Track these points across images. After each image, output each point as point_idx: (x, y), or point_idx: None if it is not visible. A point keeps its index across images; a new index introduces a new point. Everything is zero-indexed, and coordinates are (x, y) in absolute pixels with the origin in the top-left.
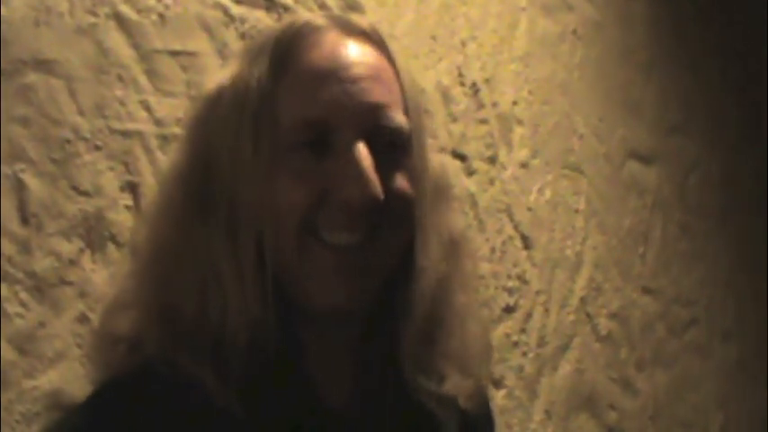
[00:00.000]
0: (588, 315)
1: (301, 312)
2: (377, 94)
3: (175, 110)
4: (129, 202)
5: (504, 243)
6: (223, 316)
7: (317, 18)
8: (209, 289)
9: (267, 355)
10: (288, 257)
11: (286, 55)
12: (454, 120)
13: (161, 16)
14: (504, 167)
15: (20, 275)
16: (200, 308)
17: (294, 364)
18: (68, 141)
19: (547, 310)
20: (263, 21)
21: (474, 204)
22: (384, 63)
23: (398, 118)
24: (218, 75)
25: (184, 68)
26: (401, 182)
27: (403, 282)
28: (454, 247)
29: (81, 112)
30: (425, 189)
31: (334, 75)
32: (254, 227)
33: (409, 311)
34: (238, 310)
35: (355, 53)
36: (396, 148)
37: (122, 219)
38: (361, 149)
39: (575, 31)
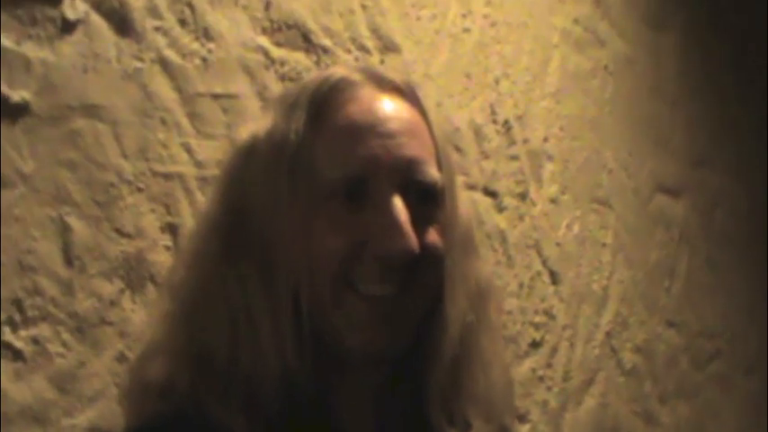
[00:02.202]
0: (613, 349)
1: (331, 357)
2: (412, 148)
3: (216, 152)
4: (169, 243)
5: (532, 278)
6: (256, 363)
7: (352, 73)
8: (243, 336)
9: (298, 400)
10: (322, 305)
11: (323, 109)
12: (486, 157)
13: (204, 60)
14: (533, 203)
15: (62, 316)
16: (233, 354)
17: (323, 409)
18: (112, 184)
19: (572, 345)
20: (302, 63)
21: (503, 241)
22: (417, 117)
23: (432, 172)
24: (252, 124)
25: (225, 111)
26: (433, 235)
27: (430, 329)
28: (480, 295)
29: (125, 156)
30: (455, 240)
31: (371, 130)
32: (290, 275)
33: (437, 358)
34: (273, 358)
35: (390, 109)
36: (428, 201)
37: (162, 260)
38: (398, 203)
39: (606, 67)
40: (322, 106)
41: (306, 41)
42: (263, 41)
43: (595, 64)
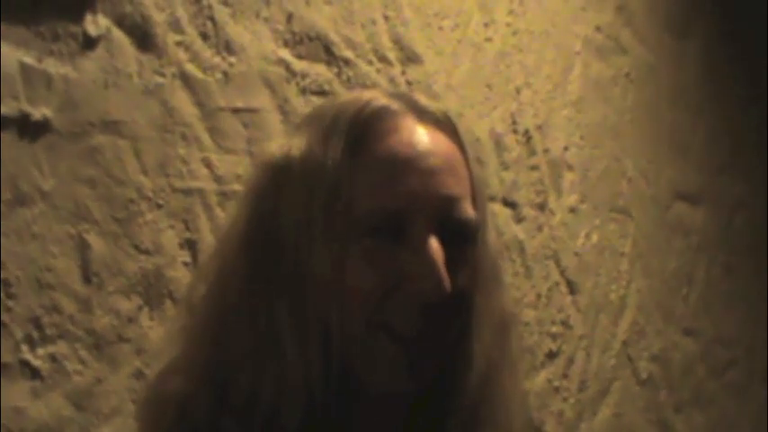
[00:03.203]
0: (629, 358)
1: (354, 389)
2: (451, 185)
3: (235, 167)
4: (188, 260)
5: (549, 289)
6: (281, 393)
7: (392, 101)
8: (268, 364)
9: (318, 428)
10: (351, 339)
11: (362, 138)
12: (506, 167)
13: (225, 74)
14: (552, 213)
15: (80, 333)
16: (256, 382)
17: None
18: (132, 201)
19: (589, 355)
20: (323, 75)
21: (522, 251)
22: (456, 152)
23: (469, 211)
24: (282, 140)
25: (246, 125)
26: (464, 276)
27: (455, 364)
28: (504, 328)
29: (145, 172)
30: (484, 276)
31: (412, 165)
32: (322, 308)
33: (460, 394)
34: (299, 389)
35: (430, 143)
36: (463, 239)
37: (180, 276)
38: (434, 244)
39: (627, 75)
40: (361, 135)
41: (327, 53)
42: (285, 54)
43: (617, 72)
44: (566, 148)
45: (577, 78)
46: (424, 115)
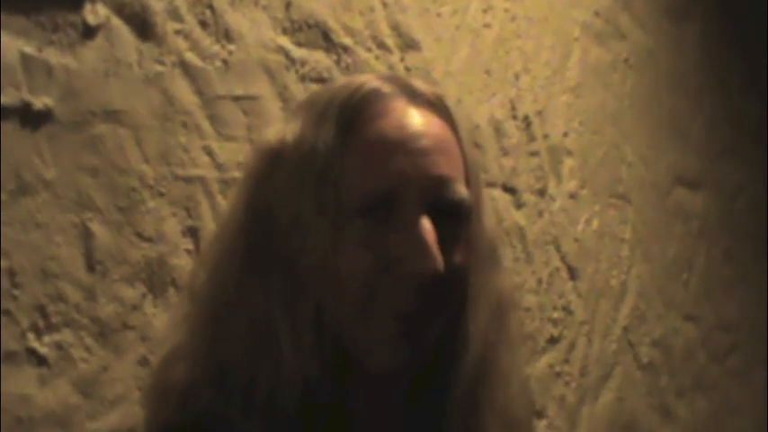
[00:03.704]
0: (630, 344)
1: (352, 370)
2: (442, 166)
3: (236, 154)
4: (191, 247)
5: (550, 275)
6: (277, 377)
7: (384, 83)
8: (264, 348)
9: (317, 413)
10: (347, 321)
11: (353, 121)
12: (506, 153)
13: (225, 62)
14: (552, 199)
15: (85, 321)
16: (254, 366)
17: (342, 423)
18: (134, 189)
19: (590, 340)
20: (322, 62)
21: (522, 237)
22: (448, 133)
23: (461, 191)
24: (277, 127)
25: (246, 113)
26: (458, 254)
27: (452, 344)
28: (502, 309)
29: (146, 160)
30: (480, 255)
31: (402, 146)
32: (315, 288)
33: (457, 374)
34: (294, 372)
35: (422, 124)
36: (456, 218)
37: (183, 263)
38: (426, 224)
39: (626, 60)
40: (352, 118)
41: (326, 41)
42: (284, 42)
43: (616, 57)
44: (565, 134)
45: (576, 64)
46: (416, 97)
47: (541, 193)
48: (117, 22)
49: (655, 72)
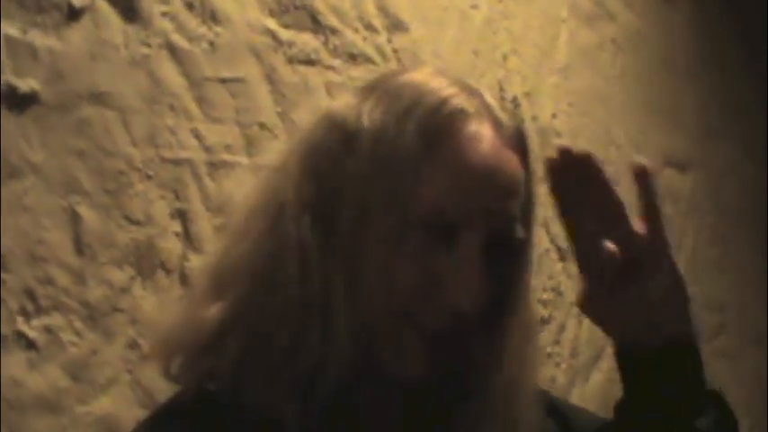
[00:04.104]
0: None
1: (370, 369)
2: (513, 208)
3: (224, 136)
4: (179, 230)
5: (540, 256)
6: (324, 351)
7: (468, 101)
8: (313, 326)
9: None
10: (377, 324)
11: (439, 135)
12: None
13: (211, 44)
14: (542, 181)
15: (74, 305)
16: (297, 341)
17: (350, 407)
18: (122, 172)
19: (580, 321)
20: (309, 44)
21: None
22: (522, 174)
23: (520, 232)
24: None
25: (233, 95)
26: (501, 284)
27: (483, 359)
28: (531, 329)
29: (134, 143)
30: (522, 286)
31: (485, 180)
32: (367, 286)
33: (487, 389)
34: (340, 350)
35: (505, 161)
36: (508, 255)
37: (171, 246)
38: (479, 261)
39: (614, 41)
40: (439, 132)
41: (314, 22)
42: (271, 23)
43: (604, 38)
44: (554, 116)
45: (564, 45)
46: (500, 127)
47: None
48: (102, 3)
49: (643, 53)
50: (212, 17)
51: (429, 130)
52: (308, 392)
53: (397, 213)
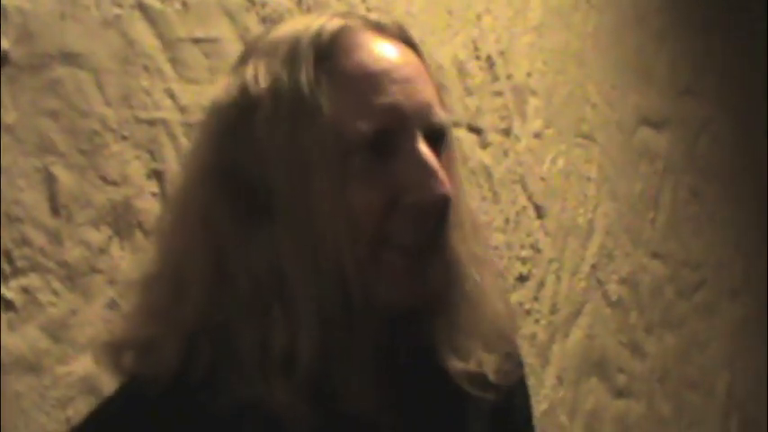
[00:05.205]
0: (599, 281)
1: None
2: (426, 93)
3: (199, 97)
4: (156, 190)
5: (517, 213)
6: (295, 327)
7: (347, 20)
8: (276, 301)
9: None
10: (355, 263)
11: (329, 58)
12: (470, 93)
13: (184, 4)
14: (518, 139)
15: (51, 265)
16: (266, 326)
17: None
18: (96, 133)
19: (559, 278)
20: (283, 3)
21: (489, 176)
22: (420, 61)
23: (443, 115)
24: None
25: (207, 55)
26: (450, 180)
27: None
28: (477, 229)
29: (108, 104)
30: (456, 178)
31: (387, 76)
32: (331, 238)
33: (448, 300)
34: (316, 320)
35: (398, 54)
36: (441, 143)
37: (149, 206)
38: (426, 151)
39: (588, 0)
40: (327, 55)
41: None
42: None
43: None
44: (529, 74)
45: (538, 4)
46: (383, 30)
47: (506, 132)
48: None
49: (617, 11)
50: None
51: (319, 57)
52: (286, 376)
53: (328, 151)
